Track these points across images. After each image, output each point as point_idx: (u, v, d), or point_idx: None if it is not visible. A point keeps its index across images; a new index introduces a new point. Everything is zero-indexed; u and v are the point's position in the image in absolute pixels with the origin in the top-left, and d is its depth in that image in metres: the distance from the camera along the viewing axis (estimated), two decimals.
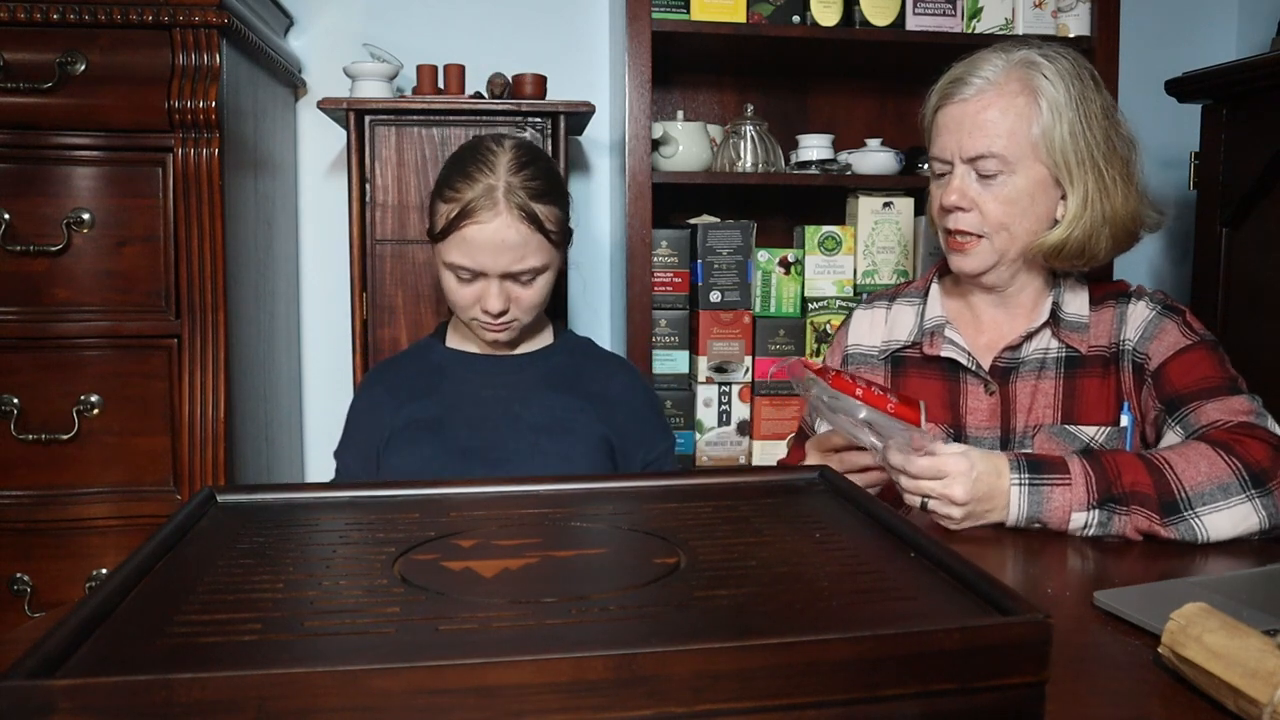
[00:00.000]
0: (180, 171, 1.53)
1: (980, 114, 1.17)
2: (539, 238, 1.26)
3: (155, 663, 0.47)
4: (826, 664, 0.48)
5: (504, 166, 1.25)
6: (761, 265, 1.87)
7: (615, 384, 1.38)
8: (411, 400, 1.32)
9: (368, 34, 2.02)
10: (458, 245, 1.24)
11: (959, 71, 1.21)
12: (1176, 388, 1.15)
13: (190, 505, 0.73)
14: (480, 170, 1.25)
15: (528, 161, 1.28)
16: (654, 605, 0.55)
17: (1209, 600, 0.69)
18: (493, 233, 1.23)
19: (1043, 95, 1.17)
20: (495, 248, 1.23)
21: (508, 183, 1.24)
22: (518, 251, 1.24)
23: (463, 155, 1.30)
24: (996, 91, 1.17)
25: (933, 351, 1.26)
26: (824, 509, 0.77)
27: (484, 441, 1.28)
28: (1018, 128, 1.16)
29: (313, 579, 0.60)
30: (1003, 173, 1.17)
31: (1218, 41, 2.33)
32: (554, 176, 1.33)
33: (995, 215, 1.18)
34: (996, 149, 1.16)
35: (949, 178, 1.21)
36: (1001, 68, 1.19)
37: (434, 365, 1.37)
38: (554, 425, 1.29)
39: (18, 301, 1.52)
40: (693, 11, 1.79)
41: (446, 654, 0.47)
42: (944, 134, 1.20)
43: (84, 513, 1.54)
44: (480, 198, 1.23)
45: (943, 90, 1.22)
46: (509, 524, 0.72)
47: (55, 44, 1.49)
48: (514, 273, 1.25)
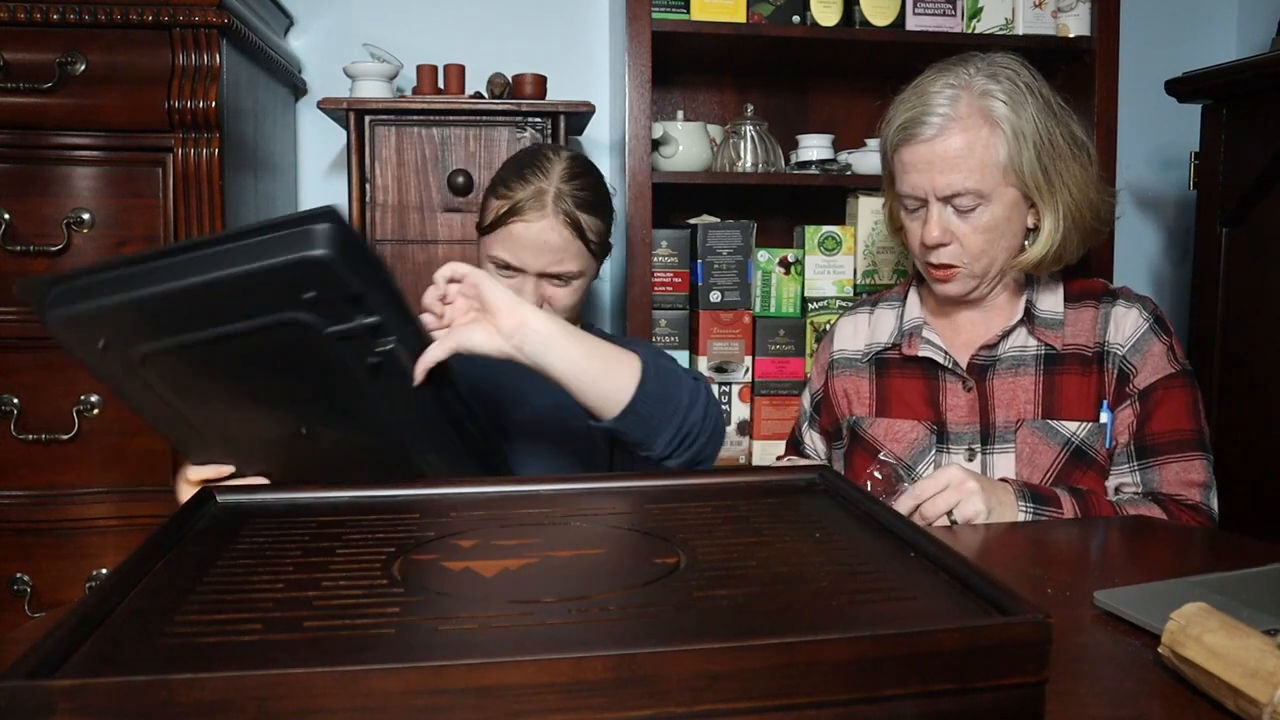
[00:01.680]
0: (180, 171, 1.53)
1: (947, 153, 1.18)
2: (579, 244, 1.29)
3: (155, 663, 0.47)
4: (826, 664, 0.48)
5: (557, 173, 1.30)
6: (761, 265, 1.87)
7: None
8: None
9: (368, 34, 2.02)
10: (502, 240, 1.28)
11: (912, 108, 1.21)
12: (1153, 432, 1.20)
13: (189, 505, 0.73)
14: (534, 173, 1.30)
15: (580, 173, 1.33)
16: (654, 605, 0.55)
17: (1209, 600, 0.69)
18: (537, 232, 1.26)
19: (1003, 122, 1.17)
20: (537, 247, 1.27)
21: (558, 188, 1.28)
22: (557, 254, 1.28)
23: (521, 158, 1.36)
24: (959, 126, 1.18)
25: (911, 352, 1.30)
26: (824, 509, 0.77)
27: (500, 418, 1.30)
28: (986, 159, 1.17)
29: (312, 579, 0.60)
30: (980, 205, 1.19)
31: (1218, 41, 2.33)
32: (602, 190, 1.37)
33: (976, 245, 1.21)
34: (971, 185, 1.17)
35: (924, 213, 1.22)
36: (954, 99, 1.19)
37: None
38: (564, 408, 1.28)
39: (18, 302, 1.52)
40: (693, 11, 1.79)
41: (446, 654, 0.47)
42: (912, 173, 1.21)
43: (84, 513, 1.54)
44: (530, 198, 1.27)
45: (901, 130, 1.21)
46: (509, 524, 0.72)
47: (55, 44, 1.49)
48: (551, 273, 1.29)
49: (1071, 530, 1.15)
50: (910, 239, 1.27)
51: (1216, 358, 1.84)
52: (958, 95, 1.19)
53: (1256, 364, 1.77)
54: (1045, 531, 1.15)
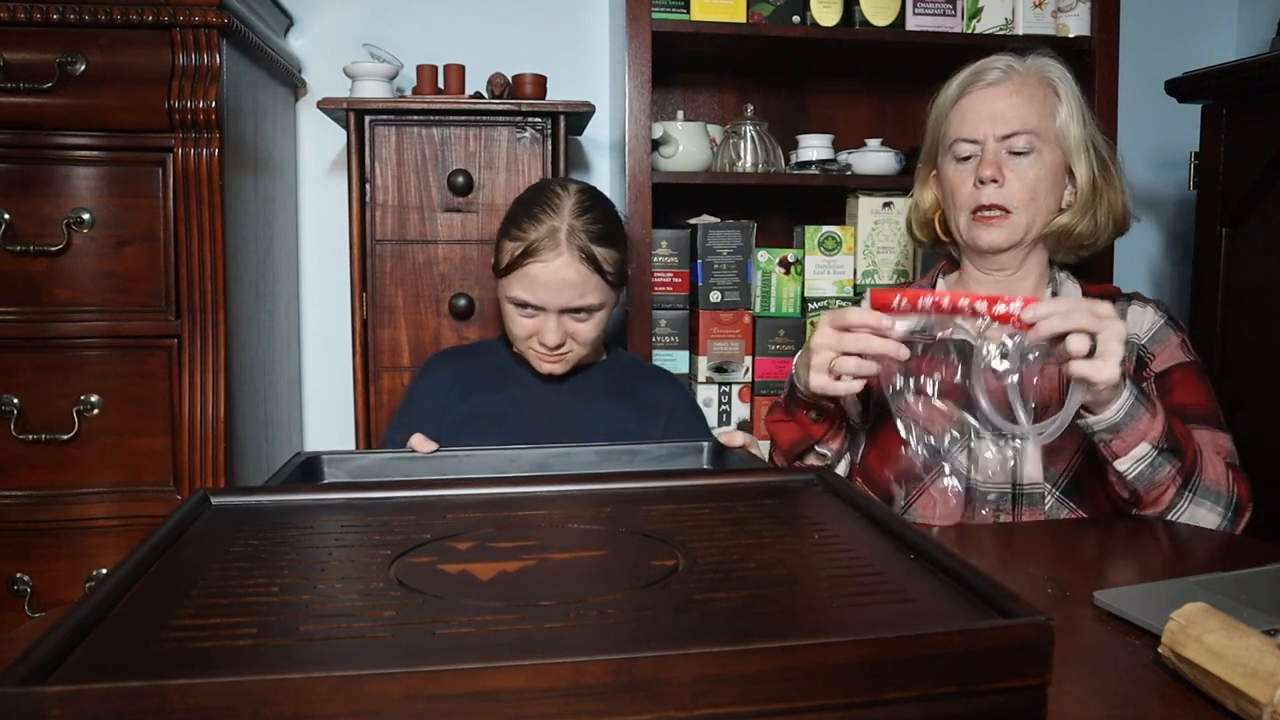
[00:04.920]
0: (180, 171, 1.53)
1: (1013, 95, 1.24)
2: (596, 278, 1.33)
3: (148, 669, 0.46)
4: (827, 668, 0.48)
5: (568, 210, 1.33)
6: (761, 265, 1.87)
7: (663, 394, 1.46)
8: (477, 391, 1.39)
9: (368, 34, 2.02)
10: (520, 281, 1.31)
11: (979, 65, 1.28)
12: (1178, 403, 1.21)
13: (184, 508, 0.72)
14: (545, 212, 1.32)
15: (590, 206, 1.35)
16: (653, 608, 0.55)
17: (1209, 600, 0.69)
18: (554, 271, 1.30)
19: (1060, 84, 1.26)
20: (556, 285, 1.30)
21: (570, 225, 1.31)
22: (576, 290, 1.31)
23: (529, 198, 1.38)
24: (1022, 80, 1.25)
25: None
26: (823, 510, 0.77)
27: (551, 439, 1.32)
28: (1044, 112, 1.25)
29: (308, 582, 0.59)
30: (1033, 151, 1.23)
31: (1218, 41, 2.33)
32: (614, 221, 1.40)
33: (1024, 191, 1.24)
34: (1030, 124, 1.23)
35: (976, 160, 1.25)
36: (1017, 62, 1.27)
37: (500, 362, 1.44)
38: (614, 433, 1.35)
39: (18, 301, 1.52)
40: (693, 11, 1.79)
41: (443, 658, 0.47)
42: (972, 114, 1.26)
43: (84, 513, 1.54)
44: (544, 238, 1.30)
45: (967, 80, 1.28)
46: (506, 526, 0.72)
47: (55, 44, 1.49)
48: (572, 309, 1.33)
49: (1071, 530, 1.16)
50: (959, 189, 1.27)
51: (1216, 358, 1.83)
52: (1020, 61, 1.27)
53: (1257, 364, 1.77)
54: (1046, 531, 1.15)
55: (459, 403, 1.39)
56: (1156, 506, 1.12)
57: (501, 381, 1.41)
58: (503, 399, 1.39)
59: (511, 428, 1.35)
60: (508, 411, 1.37)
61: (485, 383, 1.41)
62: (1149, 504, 1.12)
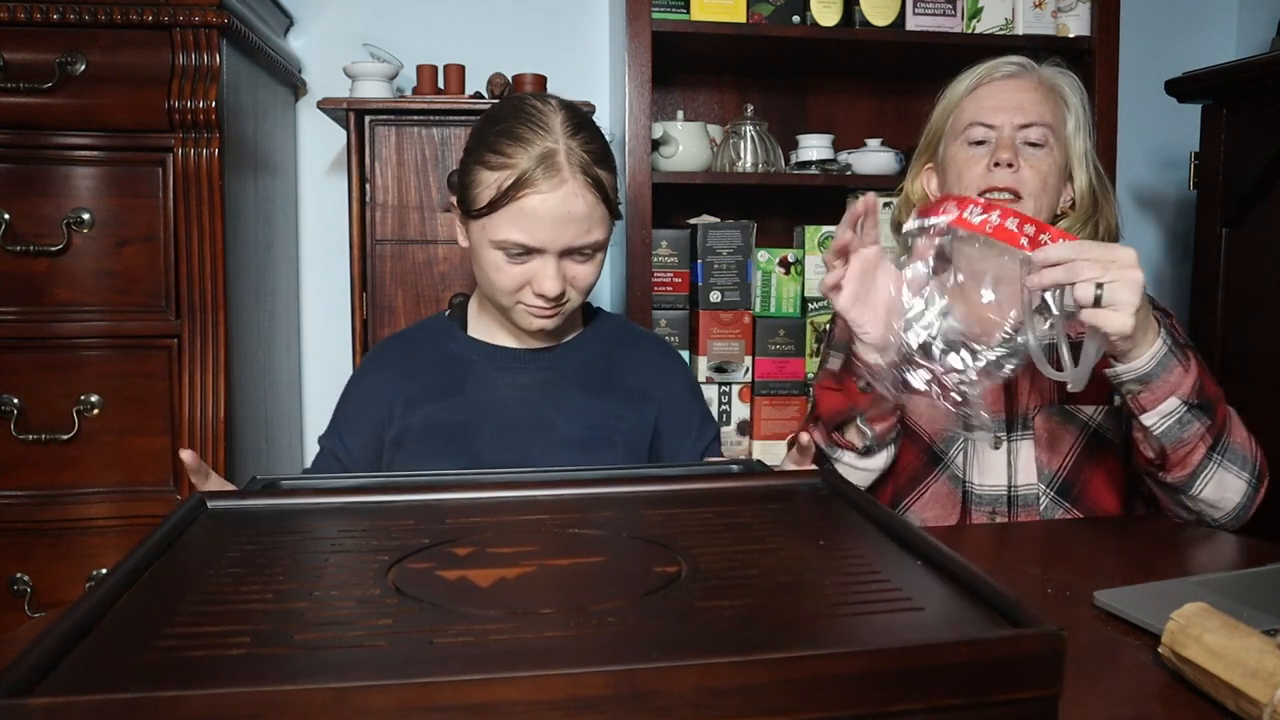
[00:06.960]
0: (180, 171, 1.53)
1: (1030, 90, 1.25)
2: (603, 208, 1.10)
3: (139, 679, 0.46)
4: (832, 679, 0.47)
5: (559, 127, 1.09)
6: (761, 265, 1.86)
7: (653, 372, 1.25)
8: (431, 398, 1.18)
9: (368, 34, 2.02)
10: (513, 219, 1.07)
11: (995, 61, 1.29)
12: None
13: (180, 512, 0.71)
14: (534, 132, 1.07)
15: (582, 123, 1.12)
16: (654, 616, 0.54)
17: (1209, 600, 0.69)
18: (557, 203, 1.06)
19: (1070, 101, 1.27)
20: (560, 220, 1.07)
21: (568, 146, 1.07)
22: (584, 224, 1.08)
23: (505, 115, 1.12)
24: (1039, 80, 1.27)
25: None
26: (828, 515, 0.76)
27: (516, 457, 1.14)
28: (1056, 113, 1.25)
29: (304, 589, 0.59)
30: (1046, 145, 1.23)
31: (1218, 41, 2.32)
32: (605, 140, 1.17)
33: (1036, 180, 1.24)
34: (1047, 117, 1.24)
35: (990, 145, 1.24)
36: (1035, 66, 1.29)
37: (454, 356, 1.21)
38: (591, 439, 1.17)
39: (18, 301, 1.52)
40: (693, 11, 1.78)
41: (440, 669, 0.46)
42: (991, 101, 1.26)
43: (84, 513, 1.54)
44: (539, 165, 1.06)
45: (983, 73, 1.29)
46: (506, 531, 0.71)
47: (55, 44, 1.49)
48: (576, 248, 1.10)
49: (1071, 530, 1.15)
50: (968, 170, 1.26)
51: (1216, 358, 1.83)
52: (1036, 65, 1.29)
53: (1257, 364, 1.76)
54: (1045, 531, 1.15)
55: (408, 409, 1.17)
56: (1183, 469, 1.06)
57: (457, 381, 1.18)
58: (460, 406, 1.17)
59: (471, 444, 1.15)
60: (467, 422, 1.16)
61: (439, 385, 1.18)
62: (1175, 464, 1.07)
